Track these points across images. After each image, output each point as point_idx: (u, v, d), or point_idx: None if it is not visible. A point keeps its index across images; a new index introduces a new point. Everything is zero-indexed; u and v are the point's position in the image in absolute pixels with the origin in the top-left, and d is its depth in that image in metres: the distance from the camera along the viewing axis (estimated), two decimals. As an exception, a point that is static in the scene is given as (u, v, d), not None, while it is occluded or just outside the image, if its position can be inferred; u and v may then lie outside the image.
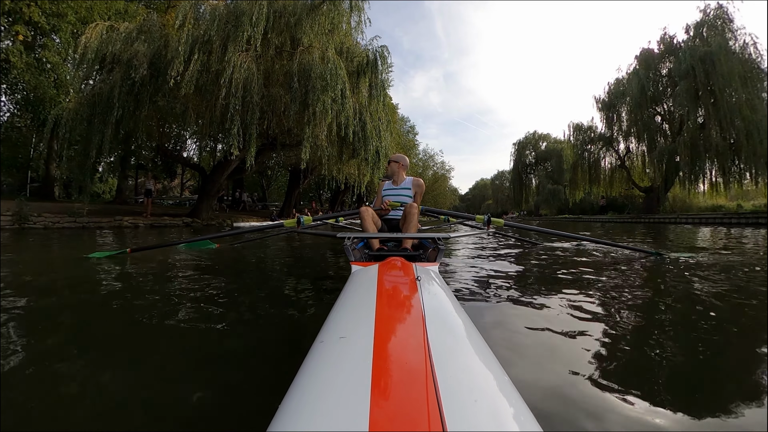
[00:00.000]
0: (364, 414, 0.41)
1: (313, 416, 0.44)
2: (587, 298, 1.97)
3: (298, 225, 2.50)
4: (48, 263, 3.47)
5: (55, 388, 0.98)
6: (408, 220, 2.40)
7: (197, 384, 1.02)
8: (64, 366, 1.12)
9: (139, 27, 9.45)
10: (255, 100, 8.76)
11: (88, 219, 10.28)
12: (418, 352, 0.56)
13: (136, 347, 1.31)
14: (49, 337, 1.35)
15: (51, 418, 0.84)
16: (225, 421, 0.84)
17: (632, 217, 19.30)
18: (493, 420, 0.43)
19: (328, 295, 2.08)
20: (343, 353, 0.60)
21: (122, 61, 8.96)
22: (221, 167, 12.56)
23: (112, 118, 8.77)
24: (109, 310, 1.78)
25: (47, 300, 1.96)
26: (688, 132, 17.17)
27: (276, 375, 1.08)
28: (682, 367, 1.13)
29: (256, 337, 1.42)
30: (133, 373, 1.10)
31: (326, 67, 9.00)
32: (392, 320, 0.72)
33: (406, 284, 1.00)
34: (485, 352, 0.64)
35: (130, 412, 0.88)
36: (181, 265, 3.16)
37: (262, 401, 0.91)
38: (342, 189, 19.98)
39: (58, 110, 9.95)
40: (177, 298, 1.98)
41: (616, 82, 22.28)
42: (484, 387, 0.51)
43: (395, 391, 0.46)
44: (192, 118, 9.88)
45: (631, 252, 3.86)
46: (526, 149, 37.98)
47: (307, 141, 9.40)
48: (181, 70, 8.32)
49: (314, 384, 0.51)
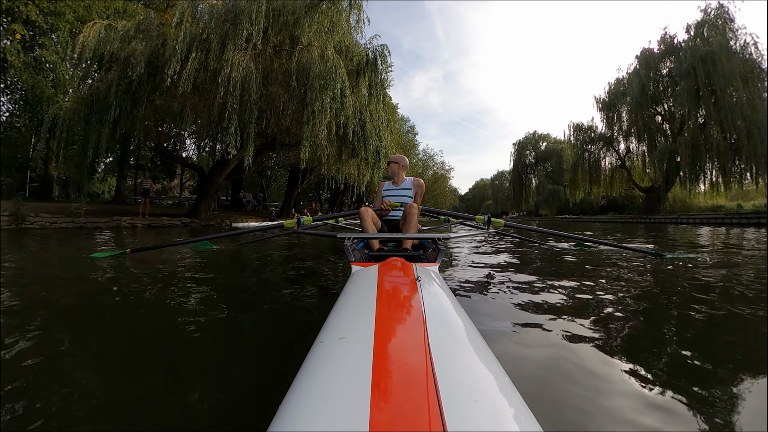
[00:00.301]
0: (365, 414, 0.41)
1: (313, 416, 0.44)
2: (587, 298, 1.97)
3: (298, 225, 2.50)
4: (46, 263, 3.42)
5: (54, 389, 0.98)
6: (408, 220, 2.39)
7: (198, 384, 1.03)
8: (65, 366, 1.13)
9: (137, 25, 9.37)
10: (253, 98, 8.67)
11: (86, 219, 10.22)
12: (418, 353, 0.56)
13: (136, 347, 1.31)
14: (49, 338, 1.36)
15: (51, 418, 0.84)
16: (225, 421, 0.84)
17: (633, 217, 19.24)
18: (493, 420, 0.43)
19: (328, 296, 2.07)
20: (343, 354, 0.60)
21: (119, 60, 8.89)
22: (220, 167, 12.48)
23: (110, 117, 8.68)
24: (109, 310, 1.77)
25: (46, 300, 1.94)
26: (689, 132, 17.12)
27: (276, 375, 1.08)
28: (681, 367, 1.14)
29: (256, 338, 1.42)
30: (134, 372, 1.11)
31: (325, 66, 8.92)
32: (392, 321, 0.72)
33: (407, 285, 1.00)
34: (485, 352, 0.64)
35: (130, 412, 0.89)
36: (181, 266, 3.16)
37: (262, 401, 0.92)
38: (341, 189, 19.92)
39: (54, 109, 9.88)
40: (176, 299, 1.97)
41: (617, 82, 22.29)
42: (484, 387, 0.51)
43: (395, 391, 0.46)
44: (189, 117, 9.77)
45: (630, 252, 3.85)
46: (526, 149, 37.94)
47: (306, 140, 9.30)
48: (179, 68, 8.24)
49: (314, 384, 0.52)
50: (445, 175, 40.68)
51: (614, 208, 24.81)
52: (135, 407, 0.91)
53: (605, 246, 4.33)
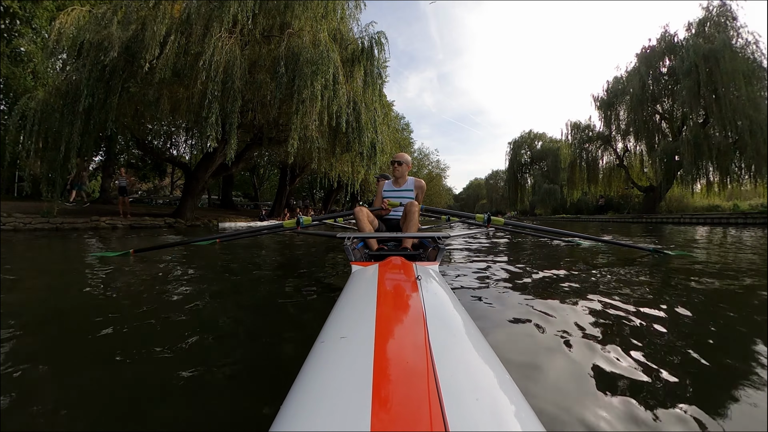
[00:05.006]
0: (366, 414, 0.40)
1: (314, 416, 0.43)
2: (586, 295, 1.98)
3: (297, 225, 2.53)
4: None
5: (54, 389, 0.98)
6: (408, 218, 2.36)
7: (198, 384, 1.02)
8: (63, 367, 1.13)
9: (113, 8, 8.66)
10: (237, 85, 7.98)
11: (62, 220, 9.61)
12: (419, 352, 0.56)
13: (135, 347, 1.28)
14: (48, 338, 1.38)
15: (51, 418, 0.84)
16: (226, 422, 0.84)
17: (633, 216, 19.00)
18: (494, 419, 0.43)
19: (328, 295, 2.07)
20: (344, 353, 0.60)
21: (93, 45, 8.18)
22: (205, 163, 11.81)
23: (80, 107, 7.97)
24: (111, 311, 1.73)
25: (45, 300, 1.99)
26: (690, 130, 16.89)
27: (277, 375, 1.07)
28: (681, 367, 1.11)
29: (256, 338, 1.41)
30: (134, 373, 1.09)
31: (317, 51, 8.27)
32: (393, 320, 0.72)
33: (407, 284, 1.00)
34: (486, 350, 0.64)
35: (130, 412, 0.89)
36: (181, 266, 3.17)
37: (263, 401, 0.91)
38: (335, 188, 19.37)
39: (24, 101, 9.13)
40: (176, 299, 1.97)
41: (615, 81, 22.09)
42: (485, 386, 0.51)
43: (396, 390, 0.46)
44: (166, 106, 8.96)
45: (629, 249, 3.91)
46: (521, 148, 37.69)
47: (295, 131, 8.58)
48: (157, 53, 7.57)
49: (315, 384, 0.52)
50: (440, 174, 40.72)
51: (612, 207, 24.60)
52: (134, 407, 0.90)
53: (603, 243, 4.38)
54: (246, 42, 8.75)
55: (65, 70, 9.59)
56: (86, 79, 8.02)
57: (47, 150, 9.37)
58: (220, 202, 24.97)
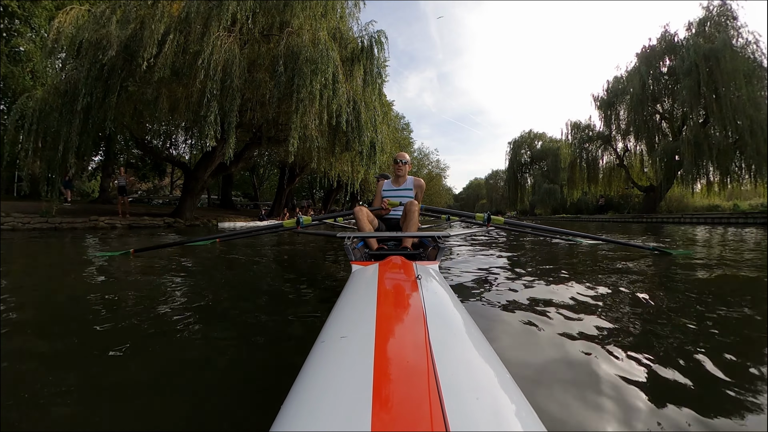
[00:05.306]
0: (366, 413, 0.40)
1: (315, 416, 0.43)
2: (586, 294, 1.98)
3: (297, 225, 2.55)
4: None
5: (54, 389, 0.97)
6: (408, 218, 2.35)
7: (199, 384, 1.02)
8: (63, 366, 1.12)
9: (112, 7, 8.63)
10: (236, 84, 7.95)
11: (61, 219, 9.60)
12: (419, 351, 0.55)
13: (135, 347, 1.27)
14: (48, 338, 1.37)
15: (51, 417, 0.84)
16: (227, 421, 0.83)
17: (633, 216, 18.97)
18: (495, 418, 0.43)
19: (328, 295, 2.07)
20: (344, 353, 0.60)
21: (92, 44, 8.14)
22: (204, 163, 11.77)
23: (78, 106, 7.94)
24: (111, 311, 1.73)
25: (45, 300, 1.99)
26: (691, 130, 16.86)
27: (278, 375, 1.07)
28: (681, 367, 1.10)
29: (256, 338, 1.39)
30: (134, 373, 1.09)
31: (316, 50, 8.23)
32: (393, 319, 0.72)
33: (407, 283, 1.00)
34: (486, 350, 0.64)
35: (130, 412, 0.88)
36: (181, 267, 3.15)
37: (263, 401, 0.91)
38: (335, 187, 19.34)
39: (23, 100, 9.11)
40: (176, 299, 1.96)
41: (615, 80, 22.02)
42: (485, 385, 0.51)
43: (397, 390, 0.46)
44: (165, 105, 8.93)
45: (629, 248, 3.88)
46: (521, 148, 37.63)
47: (294, 130, 8.55)
48: (155, 52, 7.54)
49: (316, 384, 0.52)
50: (440, 174, 40.69)
51: (613, 207, 24.56)
52: (134, 407, 0.90)
53: (603, 242, 4.36)
54: (245, 41, 8.72)
55: (64, 70, 9.56)
56: (85, 78, 7.99)
57: (46, 149, 9.37)
58: (220, 202, 24.94)
